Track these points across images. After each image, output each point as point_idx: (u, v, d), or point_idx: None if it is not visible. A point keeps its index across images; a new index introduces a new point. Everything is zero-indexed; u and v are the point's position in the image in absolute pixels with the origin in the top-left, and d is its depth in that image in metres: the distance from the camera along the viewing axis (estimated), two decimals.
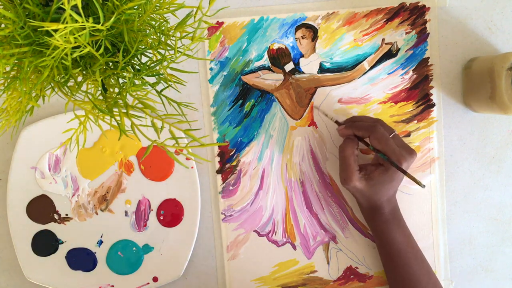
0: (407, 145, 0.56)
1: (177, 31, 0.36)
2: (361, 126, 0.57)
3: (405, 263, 0.57)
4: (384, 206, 0.57)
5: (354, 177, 0.56)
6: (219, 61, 0.62)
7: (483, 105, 0.59)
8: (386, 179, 0.55)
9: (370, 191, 0.56)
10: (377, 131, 0.55)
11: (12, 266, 0.64)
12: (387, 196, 0.57)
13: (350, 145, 0.57)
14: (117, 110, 0.35)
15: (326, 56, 0.62)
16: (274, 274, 0.64)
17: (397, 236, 0.57)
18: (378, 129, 0.55)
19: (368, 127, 0.56)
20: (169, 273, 0.62)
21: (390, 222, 0.58)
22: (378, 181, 0.56)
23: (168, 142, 0.59)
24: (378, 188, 0.56)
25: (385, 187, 0.56)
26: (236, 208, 0.64)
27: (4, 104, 0.35)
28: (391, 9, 0.62)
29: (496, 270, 0.65)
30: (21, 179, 0.61)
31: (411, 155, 0.55)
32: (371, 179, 0.56)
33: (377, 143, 0.55)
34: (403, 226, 0.58)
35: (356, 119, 0.59)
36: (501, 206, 0.64)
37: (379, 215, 0.58)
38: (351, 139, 0.57)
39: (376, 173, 0.56)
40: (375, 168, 0.56)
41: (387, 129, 0.57)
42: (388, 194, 0.57)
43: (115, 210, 0.62)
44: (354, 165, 0.56)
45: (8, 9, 0.31)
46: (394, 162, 0.54)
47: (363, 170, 0.57)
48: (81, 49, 0.31)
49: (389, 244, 0.58)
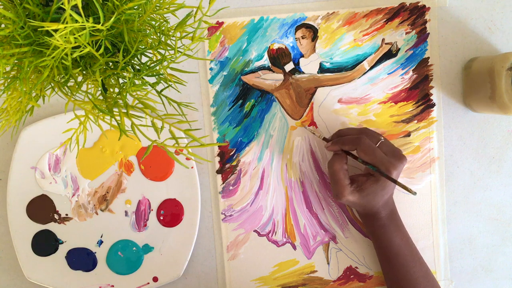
0: (396, 151, 0.56)
1: (177, 31, 0.36)
2: (346, 140, 0.57)
3: (403, 265, 0.57)
4: (381, 211, 0.57)
5: (345, 192, 0.55)
6: (219, 61, 0.62)
7: (483, 105, 0.59)
8: (378, 188, 0.55)
9: (363, 201, 0.56)
10: (362, 143, 0.55)
11: (12, 266, 0.64)
12: (382, 202, 0.57)
13: (338, 160, 0.56)
14: (117, 110, 0.35)
15: (326, 56, 0.62)
16: (274, 274, 0.64)
17: (395, 239, 0.57)
18: (363, 141, 0.55)
19: (353, 140, 0.56)
20: (169, 273, 0.62)
21: (387, 226, 0.57)
22: (370, 192, 0.55)
23: (168, 142, 0.59)
24: (372, 197, 0.56)
25: (378, 195, 0.56)
26: (236, 208, 0.64)
27: (4, 104, 0.35)
28: (391, 9, 0.62)
29: (496, 270, 0.65)
30: (21, 179, 0.61)
31: (401, 160, 0.55)
32: (363, 191, 0.55)
33: (364, 155, 0.55)
34: (401, 229, 0.58)
35: (342, 133, 0.59)
36: (501, 206, 0.64)
37: (377, 219, 0.58)
38: (338, 155, 0.57)
39: (367, 184, 0.55)
40: (366, 179, 0.56)
41: (373, 137, 0.56)
42: (383, 199, 0.57)
43: (115, 210, 0.62)
44: (345, 180, 0.56)
45: (8, 9, 0.31)
46: (383, 172, 0.54)
47: (354, 183, 0.56)
48: (81, 49, 0.31)
49: (387, 247, 0.58)
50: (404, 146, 0.63)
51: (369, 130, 0.58)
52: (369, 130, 0.58)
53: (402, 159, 0.55)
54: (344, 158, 0.57)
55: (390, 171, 0.54)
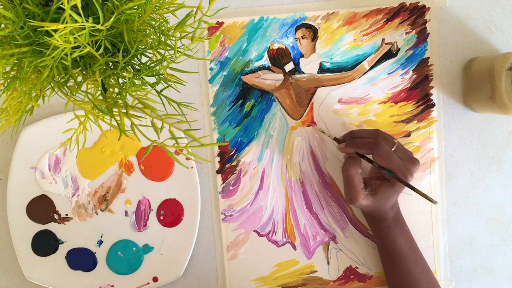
0: (409, 155, 0.55)
1: (177, 31, 0.36)
2: (362, 143, 0.55)
3: (405, 266, 0.57)
4: (388, 213, 0.57)
5: (360, 197, 0.54)
6: (219, 61, 0.62)
7: (483, 105, 0.59)
8: (392, 192, 0.55)
9: (375, 204, 0.55)
10: (380, 148, 0.53)
11: (12, 266, 0.64)
12: (391, 204, 0.57)
13: (353, 164, 0.55)
14: (117, 110, 0.35)
15: (326, 56, 0.62)
16: (274, 274, 0.64)
17: (399, 241, 0.57)
18: (381, 146, 0.53)
19: (370, 144, 0.54)
20: (169, 273, 0.62)
21: (392, 227, 0.57)
22: (383, 196, 0.55)
23: (168, 142, 0.59)
24: (384, 201, 0.55)
25: (390, 198, 0.56)
26: (236, 208, 0.64)
27: (4, 104, 0.35)
28: (391, 9, 0.62)
29: (496, 270, 0.65)
30: (21, 179, 0.61)
31: (415, 165, 0.54)
32: (377, 194, 0.55)
33: (381, 160, 0.54)
34: (405, 230, 0.58)
35: (356, 134, 0.57)
36: (501, 206, 0.64)
37: (383, 221, 0.58)
38: (353, 158, 0.56)
39: (382, 188, 0.55)
40: (380, 183, 0.55)
41: (389, 141, 0.55)
42: (392, 202, 0.57)
43: (115, 210, 0.62)
44: (359, 184, 0.55)
45: (8, 9, 0.31)
46: (401, 179, 0.53)
47: (368, 187, 0.55)
48: (81, 49, 0.31)
49: (391, 248, 0.58)
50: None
51: (384, 133, 0.56)
52: (384, 133, 0.56)
53: (416, 163, 0.54)
54: (359, 162, 0.56)
55: (407, 176, 0.53)
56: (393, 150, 0.54)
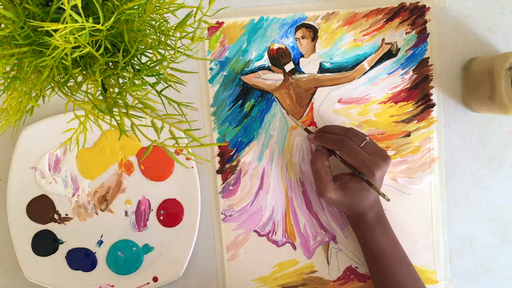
0: (381, 151, 0.56)
1: (177, 31, 0.36)
2: (329, 139, 0.57)
3: (390, 268, 0.57)
4: (367, 213, 0.57)
5: (328, 189, 0.56)
6: (219, 61, 0.62)
7: (483, 105, 0.59)
8: (362, 188, 0.55)
9: (347, 200, 0.56)
10: (345, 144, 0.55)
11: (12, 266, 0.64)
12: (368, 203, 0.57)
13: (320, 157, 0.57)
14: (117, 110, 0.35)
15: (326, 56, 0.62)
16: (274, 274, 0.64)
17: (382, 242, 0.57)
18: (345, 143, 0.55)
19: (336, 141, 0.56)
20: (169, 273, 0.62)
21: (374, 228, 0.57)
22: (353, 190, 0.55)
23: (168, 142, 0.59)
24: (356, 197, 0.56)
25: (363, 195, 0.56)
26: (236, 208, 0.64)
27: (4, 104, 0.35)
28: (391, 9, 0.62)
29: (496, 270, 0.65)
30: (21, 179, 0.61)
31: (385, 160, 0.55)
32: (347, 189, 0.56)
33: (346, 156, 0.55)
34: (388, 231, 0.58)
35: (327, 130, 0.59)
36: (501, 206, 0.64)
37: (363, 221, 0.58)
38: (320, 151, 0.58)
39: (351, 183, 0.56)
40: (350, 178, 0.56)
41: (358, 138, 0.56)
42: (369, 200, 0.57)
43: (115, 210, 0.62)
44: (327, 177, 0.56)
45: (8, 9, 0.31)
46: (363, 175, 0.54)
47: (338, 180, 0.57)
48: (81, 49, 0.31)
49: (374, 249, 0.58)
50: (404, 146, 0.63)
51: (354, 130, 0.57)
52: (355, 130, 0.57)
53: (387, 159, 0.55)
54: (325, 155, 0.57)
55: (373, 171, 0.54)
56: (361, 146, 0.55)
